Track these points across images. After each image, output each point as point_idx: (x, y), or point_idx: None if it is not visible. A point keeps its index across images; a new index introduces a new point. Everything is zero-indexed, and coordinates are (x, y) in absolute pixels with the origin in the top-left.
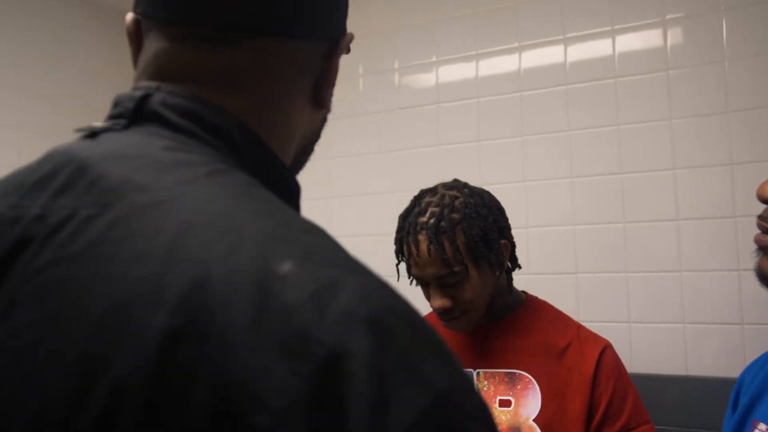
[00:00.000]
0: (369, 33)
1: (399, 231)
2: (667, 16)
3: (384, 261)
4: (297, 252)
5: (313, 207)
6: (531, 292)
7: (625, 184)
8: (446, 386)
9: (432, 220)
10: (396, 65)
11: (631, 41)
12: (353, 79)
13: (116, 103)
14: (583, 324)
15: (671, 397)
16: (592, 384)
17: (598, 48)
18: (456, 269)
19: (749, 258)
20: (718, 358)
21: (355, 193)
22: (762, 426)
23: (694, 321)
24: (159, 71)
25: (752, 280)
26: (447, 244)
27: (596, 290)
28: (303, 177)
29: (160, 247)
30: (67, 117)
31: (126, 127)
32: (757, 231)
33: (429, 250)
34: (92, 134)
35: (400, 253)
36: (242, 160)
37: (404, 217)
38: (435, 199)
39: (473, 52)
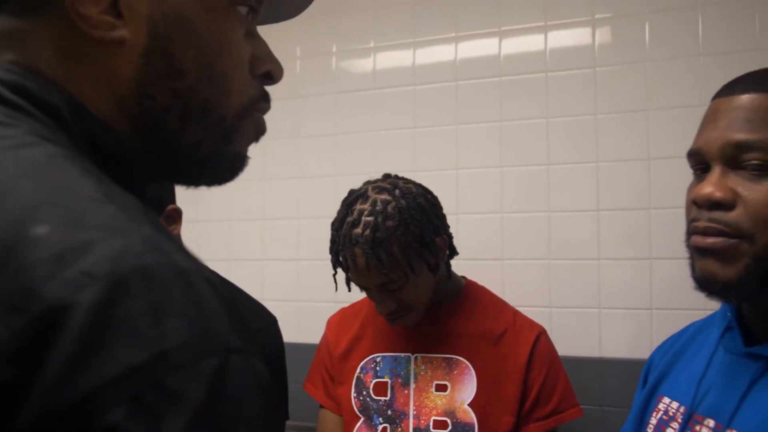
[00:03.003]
0: (307, 15)
1: (333, 243)
2: (596, 16)
3: (319, 244)
4: (61, 217)
5: (246, 188)
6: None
7: (552, 175)
8: (176, 345)
9: (367, 232)
10: (334, 49)
11: (561, 38)
12: (291, 61)
13: None
14: None
15: (586, 377)
16: (526, 370)
17: (530, 42)
18: (395, 277)
19: (661, 247)
20: (629, 341)
21: (290, 176)
22: (666, 400)
23: (609, 306)
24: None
25: (662, 268)
26: (384, 255)
27: (521, 276)
28: None
29: None
30: None
31: None
32: (673, 225)
33: (367, 264)
34: None
35: (337, 264)
36: (70, 134)
37: (338, 228)
38: (367, 206)
39: (411, 40)
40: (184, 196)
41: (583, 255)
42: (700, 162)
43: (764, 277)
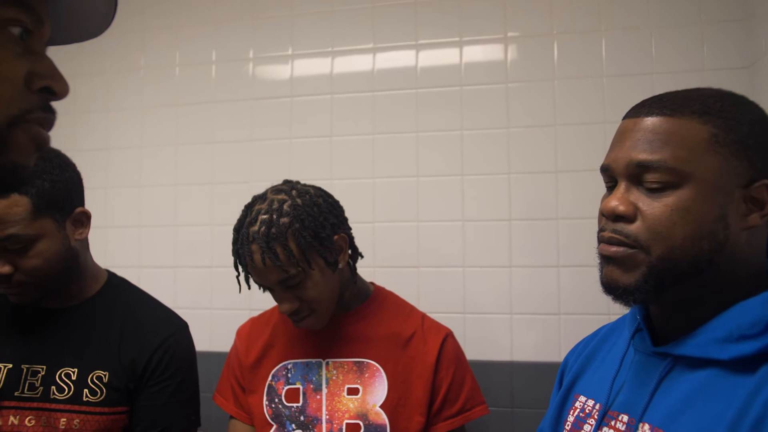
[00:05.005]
0: (223, 20)
1: (234, 243)
2: (509, 34)
3: (227, 250)
4: None
5: (157, 194)
6: (376, 283)
7: (466, 185)
8: None
9: (262, 229)
10: (250, 55)
11: (475, 53)
12: (206, 65)
13: None
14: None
15: (498, 380)
16: (434, 371)
17: (446, 56)
18: (293, 272)
19: (568, 256)
20: (538, 345)
21: (202, 182)
22: (582, 398)
23: (520, 312)
24: None
25: (569, 275)
26: (280, 250)
27: (436, 283)
28: (148, 161)
29: None
30: None
31: None
32: (578, 234)
33: (263, 259)
34: None
35: (239, 264)
36: None
37: (238, 229)
38: (264, 206)
39: (329, 49)
40: (92, 201)
41: (496, 263)
42: (609, 177)
43: (658, 284)
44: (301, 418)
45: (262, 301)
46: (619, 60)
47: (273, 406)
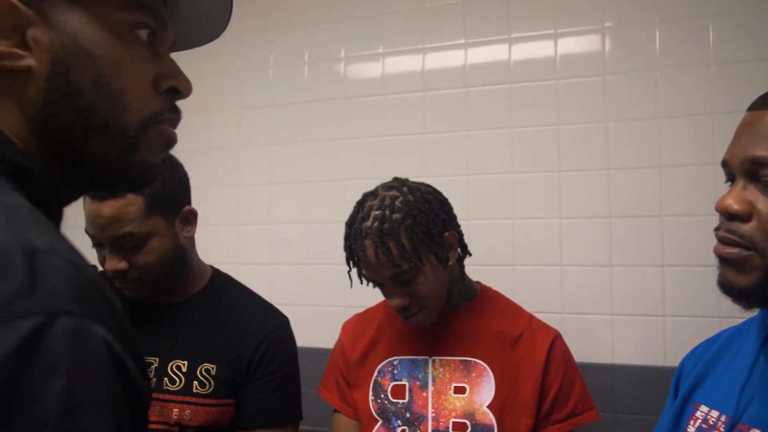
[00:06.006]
0: (315, 21)
1: (346, 239)
2: (606, 24)
3: (327, 248)
4: None
5: (254, 192)
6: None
7: (562, 182)
8: None
9: (375, 224)
10: (342, 54)
11: (571, 45)
12: (298, 66)
13: None
14: None
15: (599, 383)
16: (543, 372)
17: (540, 49)
18: (405, 267)
19: (673, 255)
20: (641, 347)
21: (297, 181)
22: (704, 408)
23: (622, 313)
24: None
25: (675, 275)
26: (393, 245)
27: (531, 281)
28: (243, 162)
29: None
30: None
31: None
32: (685, 232)
33: (376, 254)
34: None
35: (351, 260)
36: None
37: (350, 225)
38: (376, 202)
39: (420, 46)
40: (193, 199)
41: (595, 261)
42: (728, 173)
43: None
44: (407, 414)
45: (358, 297)
46: (728, 46)
47: (379, 401)
